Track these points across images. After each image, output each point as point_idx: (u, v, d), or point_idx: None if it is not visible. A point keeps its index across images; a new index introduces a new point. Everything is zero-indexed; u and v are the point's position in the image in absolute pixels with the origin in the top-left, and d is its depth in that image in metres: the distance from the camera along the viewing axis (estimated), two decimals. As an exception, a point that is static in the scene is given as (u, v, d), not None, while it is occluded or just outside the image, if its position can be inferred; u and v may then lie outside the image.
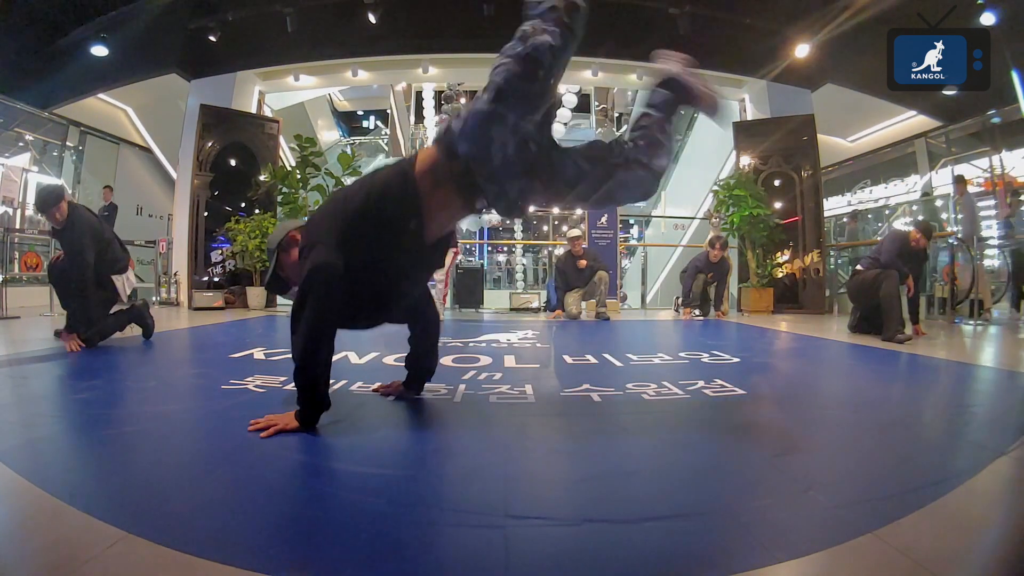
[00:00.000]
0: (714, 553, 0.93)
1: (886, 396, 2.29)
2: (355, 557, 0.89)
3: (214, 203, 7.26)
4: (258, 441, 1.49)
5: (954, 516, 1.05)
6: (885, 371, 2.89)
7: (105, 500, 1.08)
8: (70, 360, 2.78)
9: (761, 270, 7.00)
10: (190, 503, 1.09)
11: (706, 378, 2.31)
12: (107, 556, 0.86)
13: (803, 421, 1.85)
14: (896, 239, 4.20)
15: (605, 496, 1.16)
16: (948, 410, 2.04)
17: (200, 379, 2.38)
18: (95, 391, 2.13)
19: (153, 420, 1.71)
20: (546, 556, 0.91)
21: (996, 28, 5.60)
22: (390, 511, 1.07)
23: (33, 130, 8.27)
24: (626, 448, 1.50)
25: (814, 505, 1.10)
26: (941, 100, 7.41)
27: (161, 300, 7.22)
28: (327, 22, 7.52)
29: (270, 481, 1.21)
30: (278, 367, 2.54)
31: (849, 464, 1.39)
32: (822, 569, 0.87)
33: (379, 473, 1.28)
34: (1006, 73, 6.08)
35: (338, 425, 1.69)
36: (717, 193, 7.26)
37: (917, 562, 0.86)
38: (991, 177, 7.72)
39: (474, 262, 9.46)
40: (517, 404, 1.93)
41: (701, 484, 1.26)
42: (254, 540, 0.93)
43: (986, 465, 1.31)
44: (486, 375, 2.42)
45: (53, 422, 1.73)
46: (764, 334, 4.53)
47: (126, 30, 7.02)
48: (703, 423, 1.77)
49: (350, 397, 1.99)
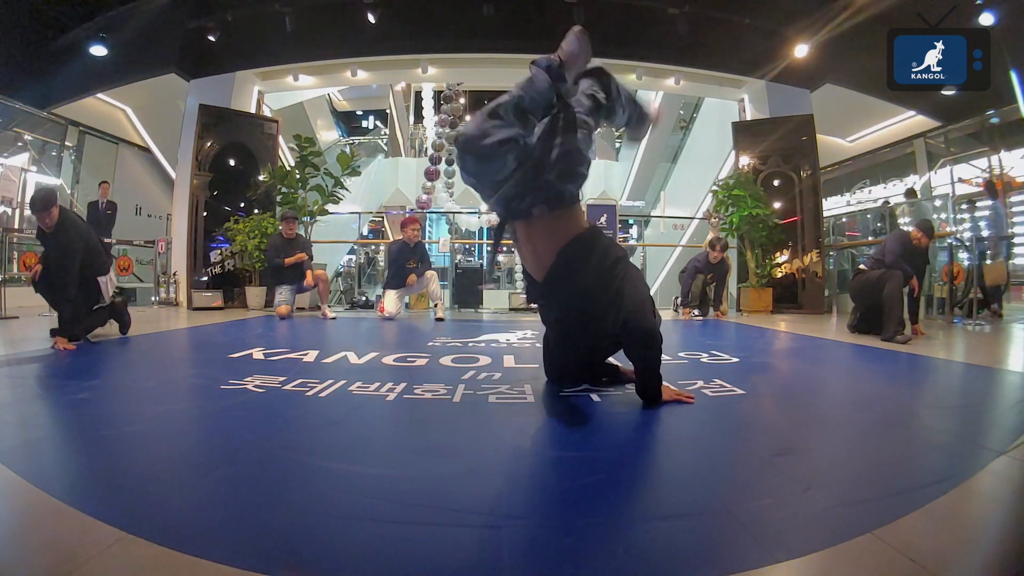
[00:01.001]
0: (714, 553, 0.93)
1: (885, 396, 2.29)
2: (355, 557, 0.89)
3: (213, 203, 7.25)
4: (258, 441, 1.49)
5: (954, 516, 1.05)
6: (884, 371, 2.90)
7: (104, 500, 1.08)
8: (69, 360, 2.78)
9: (760, 270, 7.00)
10: (189, 503, 1.09)
11: (705, 378, 2.31)
12: (106, 556, 0.86)
13: (802, 421, 1.85)
14: (900, 239, 4.18)
15: (605, 496, 1.16)
16: (947, 410, 2.04)
17: (199, 379, 2.38)
18: (94, 391, 2.13)
19: (152, 420, 1.71)
20: (546, 556, 0.91)
21: (996, 28, 5.61)
22: (389, 511, 1.07)
23: (32, 130, 8.26)
24: (625, 448, 1.50)
25: (814, 505, 1.10)
26: (940, 100, 7.41)
27: (160, 300, 7.21)
28: (326, 22, 7.52)
29: (269, 481, 1.21)
30: (277, 367, 2.55)
31: (849, 464, 1.39)
32: (822, 569, 0.87)
33: (378, 473, 1.28)
34: (1006, 73, 6.09)
35: (338, 425, 1.69)
36: (716, 193, 7.26)
37: (917, 562, 0.86)
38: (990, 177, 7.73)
39: (473, 262, 9.46)
40: (516, 404, 1.93)
41: (701, 484, 1.27)
42: (254, 540, 0.93)
43: (986, 465, 1.31)
44: (485, 375, 2.42)
45: (52, 422, 1.73)
46: (763, 334, 4.53)
47: (125, 30, 7.01)
48: (702, 423, 1.77)
49: (350, 397, 1.99)
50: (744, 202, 6.81)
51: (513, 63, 8.06)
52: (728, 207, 6.99)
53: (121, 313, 3.68)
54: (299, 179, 6.91)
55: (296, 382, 2.18)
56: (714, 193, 7.39)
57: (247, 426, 1.65)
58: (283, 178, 6.94)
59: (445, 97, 12.93)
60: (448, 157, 11.90)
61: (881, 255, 4.18)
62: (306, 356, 2.85)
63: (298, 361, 2.73)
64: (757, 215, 6.78)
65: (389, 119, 16.50)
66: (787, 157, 7.42)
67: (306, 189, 6.93)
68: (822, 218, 7.51)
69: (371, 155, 15.52)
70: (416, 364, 2.69)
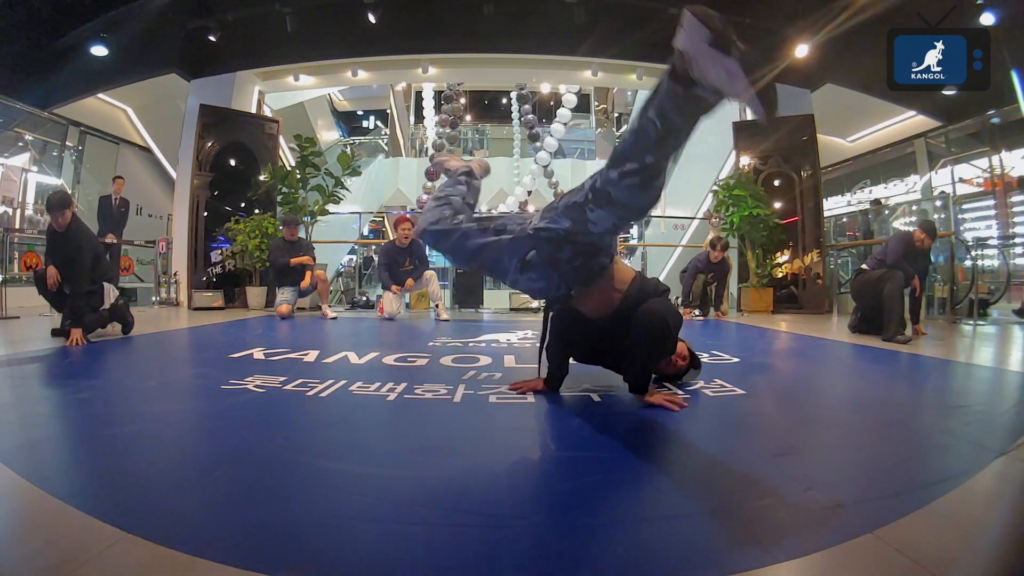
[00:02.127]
0: (714, 553, 0.93)
1: (886, 396, 2.29)
2: (354, 557, 0.89)
3: (214, 203, 7.25)
4: (258, 441, 1.49)
5: (954, 516, 1.05)
6: (885, 371, 2.89)
7: (104, 500, 1.08)
8: (69, 360, 2.78)
9: (761, 270, 7.00)
10: (190, 503, 1.09)
11: (706, 378, 2.31)
12: (106, 556, 0.86)
13: (803, 421, 1.85)
14: (902, 239, 4.18)
15: (605, 496, 1.16)
16: (948, 410, 2.04)
17: (200, 379, 2.38)
18: (95, 391, 2.14)
19: (153, 420, 1.71)
20: (546, 556, 0.91)
21: (996, 28, 5.59)
22: (389, 511, 1.07)
23: (33, 130, 8.26)
24: (626, 448, 1.50)
25: (814, 505, 1.10)
26: (941, 100, 7.40)
27: (161, 300, 7.21)
28: (327, 22, 7.52)
29: (270, 481, 1.21)
30: (278, 367, 2.55)
31: (849, 464, 1.39)
32: (822, 569, 0.87)
33: (379, 473, 1.28)
34: (1006, 73, 6.08)
35: (338, 425, 1.70)
36: (717, 193, 7.25)
37: (917, 562, 0.86)
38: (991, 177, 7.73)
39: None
40: (517, 404, 1.93)
41: (701, 484, 1.27)
42: (254, 540, 0.93)
43: (986, 465, 1.31)
44: (486, 375, 2.42)
45: (53, 422, 1.73)
46: (764, 334, 4.53)
47: (126, 30, 7.01)
48: (703, 423, 1.77)
49: (350, 397, 1.99)
50: (745, 202, 6.81)
51: (513, 63, 8.07)
52: (729, 207, 6.99)
53: (124, 314, 3.74)
54: (300, 179, 6.91)
55: (296, 382, 2.18)
56: (715, 193, 7.39)
57: (248, 426, 1.65)
58: (283, 178, 6.95)
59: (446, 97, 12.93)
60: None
61: (883, 255, 4.18)
62: (307, 356, 2.86)
63: (298, 361, 2.73)
64: (758, 215, 6.77)
65: (390, 119, 16.51)
66: (788, 157, 7.42)
67: (306, 189, 6.94)
68: (823, 218, 7.51)
69: (371, 155, 15.53)
70: (416, 364, 2.69)
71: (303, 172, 6.96)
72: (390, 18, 7.27)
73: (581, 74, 8.39)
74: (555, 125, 12.65)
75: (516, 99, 13.89)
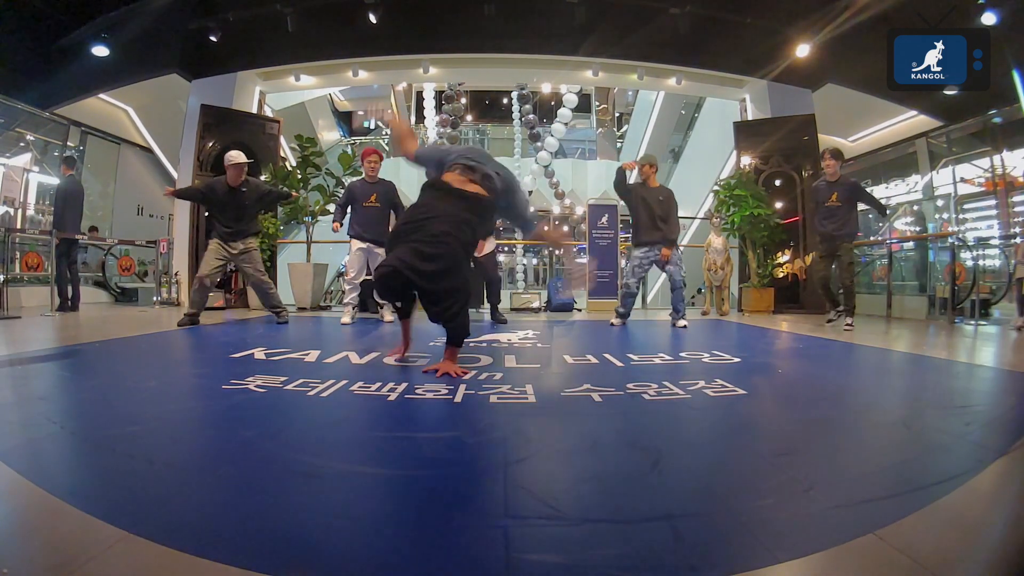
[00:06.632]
0: (714, 553, 0.93)
1: (887, 396, 2.29)
2: (355, 557, 0.89)
3: (214, 203, 7.24)
4: (259, 441, 1.49)
5: (954, 516, 1.05)
6: (886, 371, 2.89)
7: (105, 500, 1.08)
8: (70, 360, 2.79)
9: (762, 270, 7.00)
10: (191, 503, 1.09)
11: (707, 378, 2.31)
12: (107, 556, 0.86)
13: (803, 421, 1.84)
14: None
15: (605, 496, 1.16)
16: (948, 410, 2.04)
17: (201, 379, 2.39)
18: (95, 391, 2.14)
19: (154, 420, 1.71)
20: (546, 556, 0.91)
21: (996, 28, 5.59)
22: (390, 511, 1.07)
23: (34, 130, 8.28)
24: (626, 448, 1.50)
25: (814, 505, 1.10)
26: (941, 100, 7.39)
27: (162, 300, 7.22)
28: (327, 22, 7.52)
29: (270, 481, 1.21)
30: (279, 367, 2.55)
31: (849, 464, 1.39)
32: (822, 569, 0.87)
33: (379, 473, 1.28)
34: (1006, 73, 6.07)
35: (338, 425, 1.70)
36: (718, 193, 7.25)
37: (917, 562, 0.86)
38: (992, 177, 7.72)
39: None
40: (518, 404, 1.93)
41: (702, 484, 1.27)
42: (254, 540, 0.93)
43: (986, 465, 1.31)
44: (487, 375, 2.42)
45: (54, 421, 1.73)
46: (765, 334, 4.53)
47: (127, 30, 7.02)
48: (704, 423, 1.77)
49: (351, 397, 1.99)
50: (746, 202, 6.81)
51: (514, 63, 8.07)
52: (730, 207, 6.99)
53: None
54: (300, 179, 6.91)
55: (297, 382, 2.18)
56: (716, 193, 7.39)
57: (249, 426, 1.65)
58: (284, 178, 6.94)
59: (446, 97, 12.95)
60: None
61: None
62: (307, 356, 2.86)
63: (300, 361, 2.73)
64: (759, 215, 6.77)
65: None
66: (789, 157, 7.41)
67: (307, 189, 6.94)
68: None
69: (372, 155, 15.50)
70: (418, 364, 2.69)
71: (304, 172, 6.96)
72: (391, 18, 7.27)
73: (582, 74, 8.39)
74: (556, 125, 12.66)
75: (517, 99, 13.90)
